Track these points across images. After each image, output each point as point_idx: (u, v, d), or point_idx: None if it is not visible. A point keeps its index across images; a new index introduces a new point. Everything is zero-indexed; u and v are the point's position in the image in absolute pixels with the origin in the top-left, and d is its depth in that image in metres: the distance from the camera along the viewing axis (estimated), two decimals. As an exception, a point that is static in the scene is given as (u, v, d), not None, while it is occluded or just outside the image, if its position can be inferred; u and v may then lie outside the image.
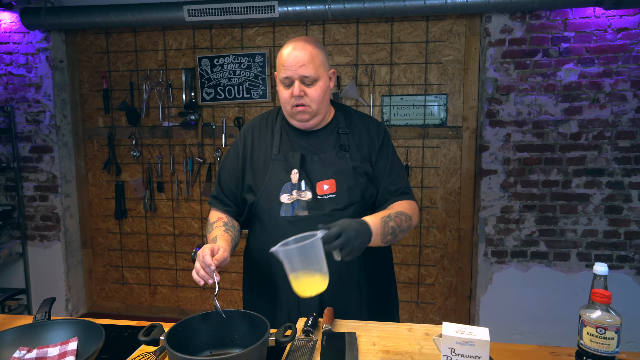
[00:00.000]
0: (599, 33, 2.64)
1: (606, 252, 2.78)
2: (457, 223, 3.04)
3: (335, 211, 1.27)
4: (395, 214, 1.24)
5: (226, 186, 1.40)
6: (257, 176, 1.33)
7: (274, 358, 1.02)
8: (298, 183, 1.28)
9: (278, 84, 1.30)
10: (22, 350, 1.04)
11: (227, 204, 1.40)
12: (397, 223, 1.23)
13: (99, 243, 3.49)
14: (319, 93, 1.26)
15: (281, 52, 1.27)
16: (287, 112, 1.31)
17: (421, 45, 2.94)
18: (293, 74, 1.23)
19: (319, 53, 1.26)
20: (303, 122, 1.30)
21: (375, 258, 1.36)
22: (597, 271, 0.91)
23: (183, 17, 2.83)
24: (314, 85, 1.25)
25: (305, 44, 1.25)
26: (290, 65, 1.23)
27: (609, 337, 0.84)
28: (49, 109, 3.21)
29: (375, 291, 1.38)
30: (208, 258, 1.09)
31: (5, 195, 3.34)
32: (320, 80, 1.26)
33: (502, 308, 2.90)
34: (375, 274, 1.38)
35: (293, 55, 1.23)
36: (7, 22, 3.14)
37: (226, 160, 1.42)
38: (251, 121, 1.44)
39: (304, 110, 1.27)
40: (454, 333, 0.83)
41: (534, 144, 2.78)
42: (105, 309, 3.54)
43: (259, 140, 1.37)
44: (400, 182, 1.35)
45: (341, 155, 1.30)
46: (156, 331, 1.05)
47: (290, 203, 1.28)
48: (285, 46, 1.27)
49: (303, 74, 1.23)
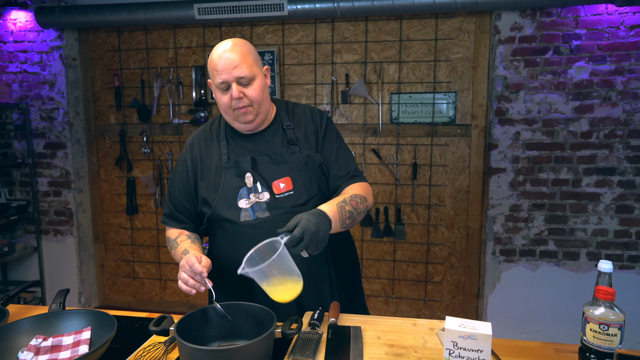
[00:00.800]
0: (611, 30, 2.61)
1: (617, 252, 2.75)
2: (466, 221, 3.03)
3: (296, 207, 1.27)
4: (350, 198, 1.25)
5: (178, 203, 1.36)
6: (210, 187, 1.31)
7: (281, 350, 1.04)
8: (254, 186, 1.27)
9: (214, 90, 1.26)
10: (39, 339, 1.08)
11: (182, 221, 1.37)
12: (354, 206, 1.24)
13: (110, 238, 3.55)
14: (258, 92, 1.24)
15: (211, 57, 1.24)
16: (229, 116, 1.28)
17: (430, 43, 2.93)
18: (228, 77, 1.20)
19: (249, 52, 1.23)
20: (247, 124, 1.27)
21: (339, 249, 1.39)
22: (601, 268, 0.91)
23: (193, 16, 2.87)
24: (251, 85, 1.23)
25: (234, 45, 1.22)
26: (224, 68, 1.20)
27: (612, 334, 0.85)
28: (62, 106, 3.27)
29: (344, 281, 1.40)
30: (198, 266, 1.10)
31: (20, 191, 3.42)
32: (256, 78, 1.24)
33: (510, 307, 2.89)
34: (342, 264, 1.40)
35: (224, 58, 1.20)
36: (22, 21, 3.21)
37: (174, 177, 1.38)
38: (194, 134, 1.41)
39: (247, 111, 1.25)
40: (457, 327, 0.84)
41: (544, 143, 2.76)
42: (117, 302, 3.60)
43: (206, 151, 1.35)
44: (349, 166, 1.36)
45: (291, 151, 1.30)
46: (166, 322, 1.08)
47: (249, 207, 1.27)
48: (214, 51, 1.24)
49: (238, 75, 1.20)
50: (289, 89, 3.14)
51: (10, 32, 3.24)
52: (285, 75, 3.13)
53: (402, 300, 3.19)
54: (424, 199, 3.06)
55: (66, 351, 1.07)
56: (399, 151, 3.05)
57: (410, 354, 1.04)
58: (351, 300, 1.42)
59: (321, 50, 3.06)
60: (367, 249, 3.18)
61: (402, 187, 3.07)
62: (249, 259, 1.05)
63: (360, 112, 3.07)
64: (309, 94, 3.12)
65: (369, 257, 3.19)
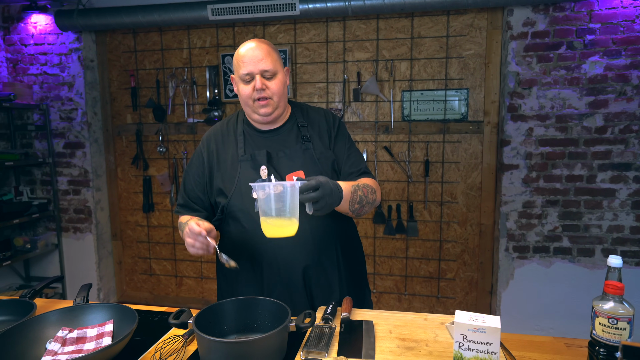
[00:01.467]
0: (626, 24, 2.58)
1: (633, 249, 2.72)
2: (478, 218, 3.03)
3: None
4: (362, 185, 1.31)
5: (193, 194, 1.42)
6: (227, 178, 1.36)
7: (295, 343, 1.08)
8: (268, 178, 1.31)
9: (237, 82, 1.33)
10: (65, 330, 1.13)
11: (196, 210, 1.42)
12: (364, 193, 1.29)
13: (127, 235, 3.64)
14: (280, 86, 1.32)
15: (238, 52, 1.32)
16: (249, 107, 1.34)
17: (442, 39, 2.93)
18: (254, 69, 1.28)
19: (273, 50, 1.32)
20: (266, 116, 1.34)
21: (348, 243, 1.45)
22: (611, 263, 0.92)
23: (207, 17, 2.91)
24: (274, 79, 1.31)
25: (260, 43, 1.31)
26: (250, 60, 1.28)
27: (621, 328, 0.86)
28: (80, 106, 3.36)
29: (352, 275, 1.45)
30: (196, 227, 1.15)
31: (41, 189, 3.52)
32: (278, 74, 1.32)
33: (523, 303, 2.89)
34: (350, 258, 1.45)
35: (251, 51, 1.29)
36: (42, 24, 3.30)
37: (190, 170, 1.44)
38: (211, 129, 1.47)
39: (267, 104, 1.31)
40: (466, 320, 0.86)
41: (557, 138, 2.75)
42: (134, 298, 3.69)
43: (223, 146, 1.41)
44: (360, 164, 1.42)
45: (305, 147, 1.36)
46: (185, 315, 1.12)
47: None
48: (241, 47, 1.32)
49: (263, 68, 1.28)
50: (301, 88, 3.17)
51: (31, 35, 3.33)
52: (298, 74, 3.16)
53: (414, 297, 3.20)
54: (436, 196, 3.07)
55: (90, 342, 1.12)
56: (410, 148, 3.06)
57: (421, 347, 1.06)
58: (358, 294, 1.46)
59: (333, 49, 3.08)
60: (379, 246, 3.20)
61: (414, 184, 3.08)
62: (260, 187, 1.09)
63: (372, 109, 3.09)
64: (321, 92, 3.14)
65: (382, 254, 3.21)
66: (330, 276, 1.37)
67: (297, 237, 1.23)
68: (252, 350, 0.97)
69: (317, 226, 1.33)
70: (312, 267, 1.33)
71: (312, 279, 1.34)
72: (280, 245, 1.30)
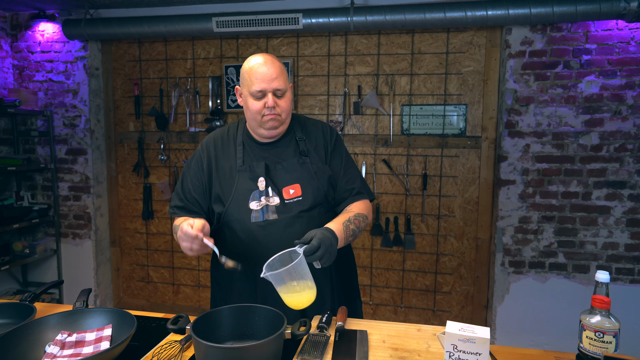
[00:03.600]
0: (621, 45, 2.64)
1: (627, 266, 2.75)
2: (475, 232, 3.06)
3: (303, 212, 1.36)
4: (354, 217, 1.35)
5: (190, 196, 1.43)
6: (225, 186, 1.39)
7: (290, 350, 1.10)
8: (265, 190, 1.36)
9: (246, 96, 1.36)
10: (64, 334, 1.15)
11: (194, 212, 1.42)
12: (357, 225, 1.34)
13: (126, 242, 3.65)
14: (289, 104, 1.37)
15: (249, 67, 1.34)
16: (256, 122, 1.36)
17: (441, 56, 2.99)
18: (267, 87, 1.31)
19: (283, 68, 1.36)
20: (272, 130, 1.37)
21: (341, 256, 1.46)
22: (599, 278, 0.95)
23: (211, 28, 2.97)
24: (284, 97, 1.35)
25: (273, 60, 1.34)
26: (263, 78, 1.31)
27: (607, 341, 0.89)
28: (84, 113, 3.40)
29: (344, 286, 1.48)
30: (191, 231, 1.17)
31: (42, 195, 3.54)
32: (288, 91, 1.36)
33: (519, 318, 2.90)
34: (342, 270, 1.48)
35: (264, 69, 1.31)
36: (49, 33, 3.36)
37: (188, 172, 1.46)
38: (211, 134, 1.50)
39: (275, 119, 1.34)
40: (457, 331, 0.88)
41: (554, 155, 2.79)
42: (131, 305, 3.68)
43: (222, 153, 1.43)
44: (355, 181, 1.45)
45: (302, 161, 1.40)
46: (182, 321, 1.15)
47: (259, 209, 1.35)
48: (252, 61, 1.34)
49: (276, 87, 1.32)
50: (302, 100, 3.22)
51: (38, 43, 3.40)
52: (299, 86, 3.21)
53: (410, 309, 3.21)
54: (433, 209, 3.10)
55: (89, 347, 1.14)
56: (409, 162, 3.09)
57: (413, 357, 1.08)
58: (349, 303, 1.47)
59: (334, 62, 3.14)
60: (376, 258, 3.22)
61: (412, 197, 3.12)
62: (268, 266, 1.14)
63: (371, 123, 3.13)
64: (322, 105, 3.19)
65: (379, 266, 3.22)
66: (322, 287, 1.39)
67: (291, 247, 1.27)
68: (248, 356, 0.99)
69: None
70: None
71: None
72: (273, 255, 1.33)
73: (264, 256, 1.34)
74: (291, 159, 1.40)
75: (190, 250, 1.20)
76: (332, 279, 1.42)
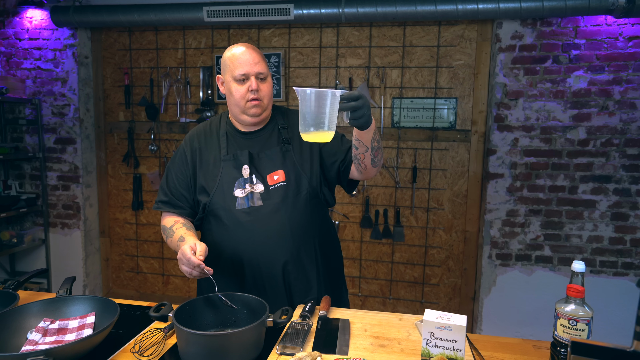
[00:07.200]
0: (609, 41, 2.66)
1: (611, 259, 2.79)
2: (463, 225, 3.08)
3: (287, 197, 1.37)
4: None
5: (175, 190, 1.44)
6: (209, 177, 1.40)
7: (272, 338, 1.11)
8: (250, 177, 1.37)
9: (229, 82, 1.37)
10: (46, 321, 1.15)
11: (179, 206, 1.44)
12: (379, 141, 1.34)
13: (116, 232, 3.64)
14: (270, 88, 1.40)
15: (231, 54, 1.37)
16: (239, 108, 1.38)
17: (432, 49, 2.99)
18: (250, 70, 1.34)
19: (263, 56, 1.41)
20: (255, 117, 1.39)
21: (326, 242, 1.48)
22: (575, 268, 0.97)
23: (202, 18, 2.95)
24: (265, 82, 1.38)
25: (252, 47, 1.38)
26: (246, 62, 1.34)
27: (580, 329, 0.91)
28: (73, 102, 3.37)
29: (329, 273, 1.49)
30: (194, 259, 1.16)
31: (30, 184, 3.51)
32: (268, 77, 1.40)
33: (505, 310, 2.94)
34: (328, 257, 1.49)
35: (247, 54, 1.36)
36: (37, 19, 3.31)
37: (172, 167, 1.47)
38: (194, 129, 1.51)
39: (258, 105, 1.37)
40: (434, 318, 0.90)
41: (542, 149, 2.81)
42: (120, 296, 3.68)
43: (206, 145, 1.45)
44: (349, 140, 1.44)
45: (285, 149, 1.42)
46: (165, 309, 1.16)
47: (245, 196, 1.37)
48: (234, 49, 1.38)
49: (259, 70, 1.35)
50: (293, 91, 3.21)
51: (26, 30, 3.35)
52: (291, 77, 3.20)
53: (399, 301, 3.24)
54: (423, 202, 3.12)
55: (71, 334, 1.15)
56: (399, 155, 3.11)
57: (393, 345, 1.10)
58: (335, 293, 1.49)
59: (326, 54, 3.13)
60: (365, 250, 3.24)
61: (401, 190, 3.13)
62: (302, 91, 1.07)
63: (362, 115, 3.13)
64: (313, 97, 3.18)
65: (368, 258, 3.24)
66: (308, 272, 1.41)
67: (277, 232, 1.27)
68: (229, 343, 1.00)
69: (297, 222, 1.37)
70: (291, 262, 1.37)
71: (292, 275, 1.38)
72: (260, 241, 1.34)
73: (249, 243, 1.35)
74: (274, 147, 1.42)
75: (190, 274, 1.20)
76: (318, 264, 1.43)
